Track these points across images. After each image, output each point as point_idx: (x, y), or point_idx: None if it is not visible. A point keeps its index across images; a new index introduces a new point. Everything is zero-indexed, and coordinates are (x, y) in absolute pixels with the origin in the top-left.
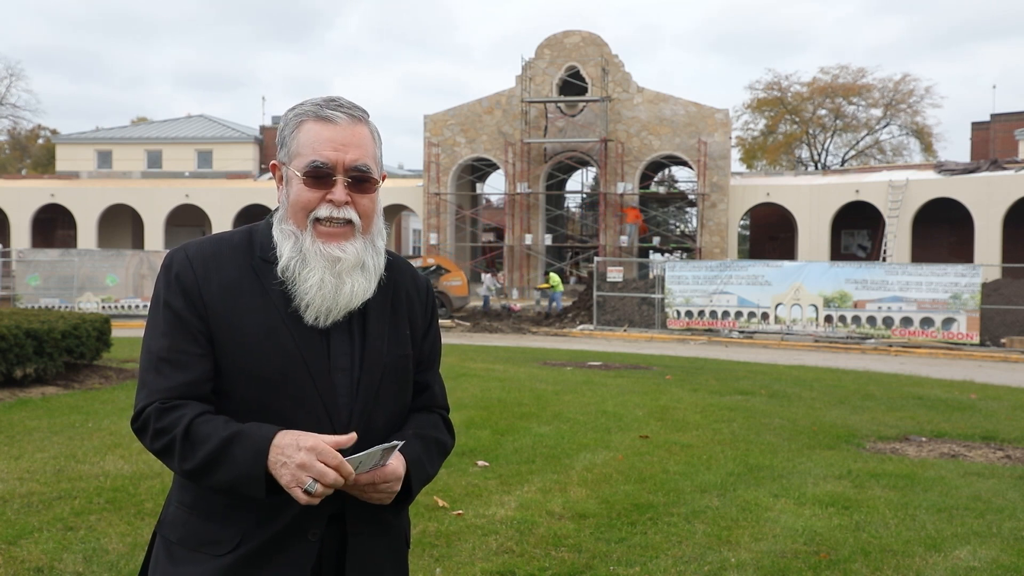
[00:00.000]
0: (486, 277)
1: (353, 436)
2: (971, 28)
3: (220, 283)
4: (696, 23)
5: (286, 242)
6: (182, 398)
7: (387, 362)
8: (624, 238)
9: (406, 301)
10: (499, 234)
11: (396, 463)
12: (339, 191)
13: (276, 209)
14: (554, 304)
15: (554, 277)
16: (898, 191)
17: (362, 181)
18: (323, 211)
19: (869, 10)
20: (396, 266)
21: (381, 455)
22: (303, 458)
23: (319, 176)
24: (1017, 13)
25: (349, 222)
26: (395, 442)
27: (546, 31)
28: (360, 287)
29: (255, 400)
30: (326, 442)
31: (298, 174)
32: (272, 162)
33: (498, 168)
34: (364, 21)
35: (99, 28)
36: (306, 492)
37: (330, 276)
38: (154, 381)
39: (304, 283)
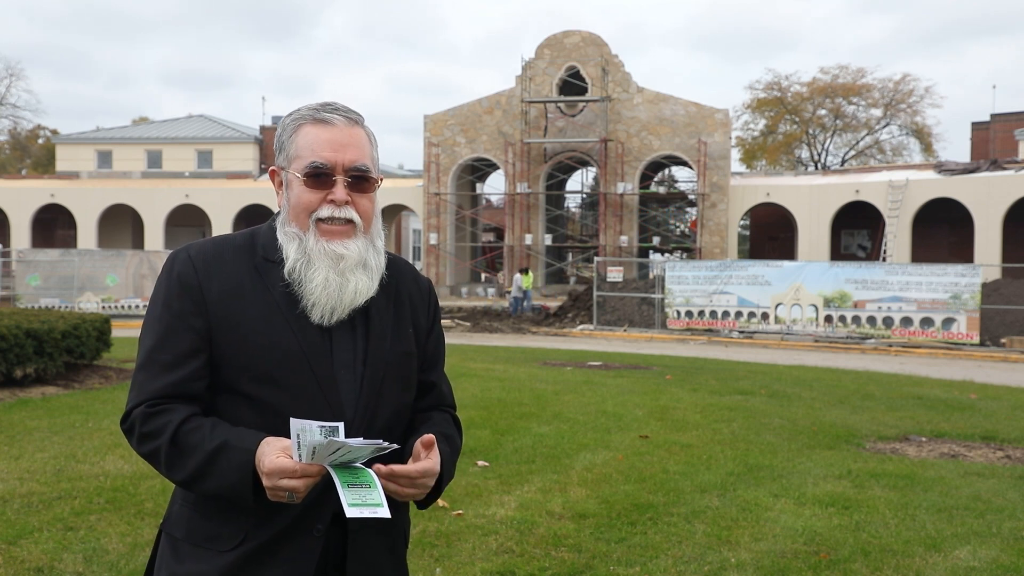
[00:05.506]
0: (516, 277)
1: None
2: (958, 27)
3: (222, 283)
4: (680, 22)
5: (291, 244)
6: (170, 398)
7: (390, 359)
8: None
9: (408, 301)
10: (499, 234)
11: (434, 460)
12: (339, 191)
13: (278, 213)
14: (516, 302)
15: (528, 277)
16: (898, 191)
17: (361, 180)
18: (325, 211)
19: (853, 9)
20: (397, 266)
21: (371, 452)
22: (267, 483)
23: (319, 176)
24: (1006, 13)
25: (350, 221)
26: (387, 445)
27: (532, 29)
28: (363, 285)
29: (258, 398)
30: (282, 451)
31: (298, 176)
32: (271, 168)
33: (498, 168)
34: (349, 19)
35: (83, 26)
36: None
37: (334, 274)
38: (144, 382)
39: (310, 283)
